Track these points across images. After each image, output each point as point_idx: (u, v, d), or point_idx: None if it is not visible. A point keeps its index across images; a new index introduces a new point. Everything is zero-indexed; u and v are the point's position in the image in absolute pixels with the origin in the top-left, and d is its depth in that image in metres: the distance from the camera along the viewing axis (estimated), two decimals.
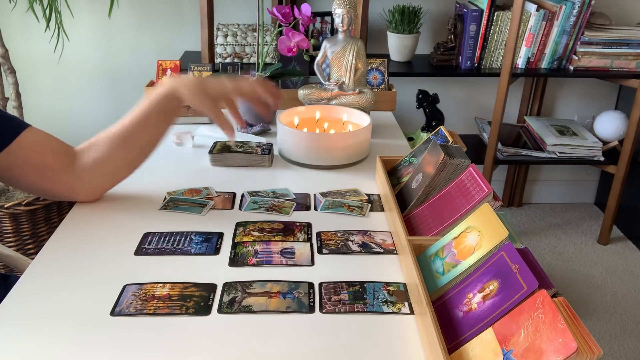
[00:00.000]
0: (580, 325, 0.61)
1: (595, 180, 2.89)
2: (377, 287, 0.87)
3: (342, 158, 1.30)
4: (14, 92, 2.04)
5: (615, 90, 2.67)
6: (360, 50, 1.45)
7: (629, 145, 2.33)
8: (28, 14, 2.22)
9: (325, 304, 0.83)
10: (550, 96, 2.68)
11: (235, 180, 1.23)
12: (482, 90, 2.64)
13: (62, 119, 2.56)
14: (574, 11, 2.17)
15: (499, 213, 0.85)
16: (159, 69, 1.69)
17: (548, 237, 2.61)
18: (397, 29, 2.29)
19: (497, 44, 2.29)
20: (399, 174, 1.16)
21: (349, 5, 1.42)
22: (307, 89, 1.49)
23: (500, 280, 0.71)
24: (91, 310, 0.81)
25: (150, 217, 1.06)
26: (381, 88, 1.71)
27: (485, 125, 2.55)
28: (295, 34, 1.39)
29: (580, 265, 2.41)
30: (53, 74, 2.48)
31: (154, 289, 0.85)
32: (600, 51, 2.24)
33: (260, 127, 1.48)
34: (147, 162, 1.31)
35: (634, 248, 2.55)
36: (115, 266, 0.91)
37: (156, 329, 0.77)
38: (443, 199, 0.98)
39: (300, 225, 1.04)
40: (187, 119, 1.54)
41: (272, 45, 2.14)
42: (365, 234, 1.02)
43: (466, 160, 1.00)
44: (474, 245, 0.81)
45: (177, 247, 0.96)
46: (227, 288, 0.86)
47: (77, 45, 2.42)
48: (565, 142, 2.37)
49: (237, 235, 1.00)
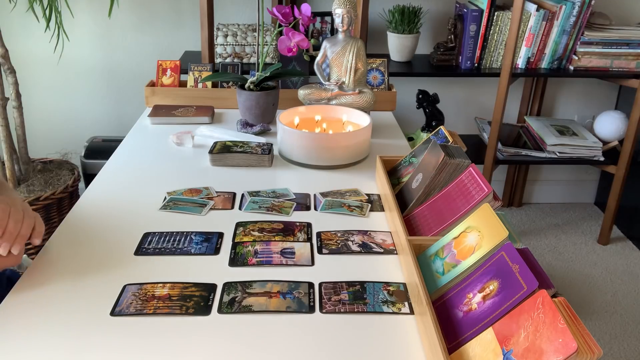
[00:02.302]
0: (580, 325, 0.61)
1: (595, 180, 2.89)
2: (377, 287, 0.87)
3: (342, 158, 1.30)
4: (14, 92, 2.04)
5: (615, 90, 2.67)
6: (360, 50, 1.45)
7: (629, 145, 2.33)
8: (28, 14, 2.22)
9: (325, 304, 0.83)
10: (550, 96, 2.68)
11: (235, 180, 1.23)
12: (482, 90, 2.64)
13: (62, 119, 2.56)
14: (574, 11, 2.17)
15: (499, 213, 0.85)
16: (159, 69, 1.69)
17: (548, 237, 2.61)
18: (397, 29, 2.29)
19: (497, 44, 2.29)
20: (399, 174, 1.16)
21: (349, 5, 1.42)
22: (307, 89, 1.49)
23: (500, 280, 0.71)
24: (91, 310, 0.81)
25: (150, 217, 1.06)
26: (381, 88, 1.71)
27: (485, 125, 2.55)
28: (295, 34, 1.39)
29: (580, 265, 2.41)
30: (53, 74, 2.48)
31: (154, 289, 0.85)
32: (600, 51, 2.23)
33: (260, 127, 1.48)
34: (147, 162, 1.31)
35: (634, 248, 2.55)
36: (115, 266, 0.91)
37: (156, 329, 0.77)
38: (443, 199, 0.98)
39: (300, 225, 1.04)
40: (187, 119, 1.54)
41: (272, 45, 2.14)
42: (365, 234, 1.02)
43: (466, 160, 1.00)
44: (474, 245, 0.81)
45: (177, 247, 0.96)
46: (227, 288, 0.86)
47: (77, 45, 2.42)
48: (565, 142, 2.37)
49: (237, 235, 1.00)
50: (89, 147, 2.34)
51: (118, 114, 2.55)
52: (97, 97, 2.54)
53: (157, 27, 2.43)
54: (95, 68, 2.49)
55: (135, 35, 2.44)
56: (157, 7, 2.40)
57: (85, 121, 2.57)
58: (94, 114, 2.56)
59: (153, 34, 2.44)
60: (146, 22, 2.42)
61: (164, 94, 1.65)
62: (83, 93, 2.53)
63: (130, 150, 1.37)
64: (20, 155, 2.13)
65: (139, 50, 2.46)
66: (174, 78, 1.69)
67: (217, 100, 1.65)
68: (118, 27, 2.42)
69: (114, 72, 2.50)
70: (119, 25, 2.42)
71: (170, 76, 1.69)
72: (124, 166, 1.29)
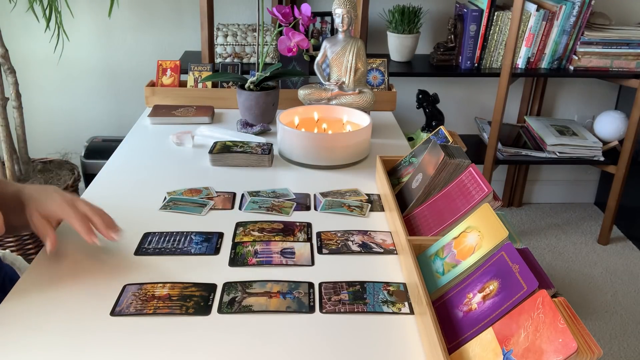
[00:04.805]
0: (580, 325, 0.61)
1: (595, 180, 2.89)
2: (377, 287, 0.87)
3: (342, 158, 1.30)
4: (14, 92, 2.04)
5: (615, 90, 2.67)
6: (360, 50, 1.45)
7: (629, 145, 2.33)
8: (28, 14, 2.22)
9: (325, 304, 0.83)
10: (550, 96, 2.68)
11: (235, 180, 1.23)
12: (482, 90, 2.64)
13: (62, 119, 2.56)
14: (574, 11, 2.17)
15: (499, 213, 0.85)
16: (159, 69, 1.69)
17: (548, 237, 2.61)
18: (397, 29, 2.29)
19: (497, 44, 2.29)
20: (399, 174, 1.16)
21: (349, 5, 1.42)
22: (307, 89, 1.49)
23: (500, 280, 0.71)
24: (91, 310, 0.81)
25: (150, 217, 1.06)
26: (381, 88, 1.71)
27: (485, 125, 2.55)
28: (295, 34, 1.39)
29: (580, 265, 2.41)
30: (53, 74, 2.48)
31: (154, 289, 0.85)
32: (600, 51, 2.23)
33: (260, 127, 1.48)
34: (147, 162, 1.31)
35: (634, 248, 2.55)
36: (115, 266, 0.91)
37: (156, 329, 0.77)
38: (443, 199, 0.98)
39: (300, 225, 1.04)
40: (187, 119, 1.54)
41: (272, 45, 2.14)
42: (365, 234, 1.02)
43: (466, 160, 1.00)
44: (474, 245, 0.81)
45: (177, 247, 0.96)
46: (227, 288, 0.86)
47: (77, 45, 2.42)
48: (565, 142, 2.37)
49: (237, 235, 1.00)
50: (89, 147, 2.34)
51: (118, 114, 2.55)
52: (97, 97, 2.54)
53: (157, 27, 2.43)
54: (95, 68, 2.49)
55: (135, 35, 2.44)
56: (157, 7, 2.40)
57: (85, 121, 2.57)
58: (94, 114, 2.56)
59: (153, 34, 2.44)
60: (146, 22, 2.42)
61: (164, 94, 1.65)
62: (83, 93, 2.53)
63: (130, 150, 1.37)
64: (20, 155, 2.13)
65: (139, 50, 2.46)
66: (174, 78, 1.69)
67: (217, 100, 1.65)
68: (118, 27, 2.42)
69: (114, 72, 2.50)
70: (119, 25, 2.42)
71: (170, 76, 1.69)
72: (124, 166, 1.29)
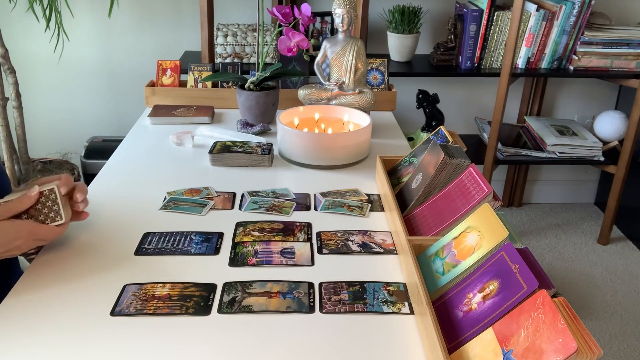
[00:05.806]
0: (580, 325, 0.61)
1: (595, 180, 2.89)
2: (377, 287, 0.87)
3: (342, 158, 1.30)
4: (14, 92, 2.04)
5: (615, 90, 2.67)
6: (360, 50, 1.45)
7: (629, 145, 2.33)
8: (28, 14, 2.22)
9: (325, 304, 0.83)
10: (550, 96, 2.68)
11: (235, 180, 1.23)
12: (482, 90, 2.64)
13: (62, 119, 2.56)
14: (574, 11, 2.17)
15: (499, 213, 0.85)
16: (159, 69, 1.69)
17: (548, 237, 2.61)
18: (397, 29, 2.29)
19: (497, 44, 2.29)
20: (399, 174, 1.16)
21: (349, 5, 1.42)
22: (307, 89, 1.49)
23: (500, 280, 0.71)
24: (91, 310, 0.81)
25: (150, 217, 1.06)
26: (381, 88, 1.71)
27: (485, 125, 2.55)
28: (295, 34, 1.39)
29: (580, 265, 2.41)
30: (53, 74, 2.48)
31: (154, 289, 0.85)
32: (600, 51, 2.23)
33: (260, 127, 1.48)
34: (147, 162, 1.31)
35: (634, 248, 2.54)
36: (115, 266, 0.91)
37: (156, 329, 0.77)
38: (443, 199, 0.98)
39: (300, 225, 1.04)
40: (187, 119, 1.54)
41: (272, 45, 2.14)
42: (365, 234, 1.02)
43: (466, 160, 1.00)
44: (474, 245, 0.81)
45: (177, 247, 0.96)
46: (227, 288, 0.86)
47: (77, 45, 2.42)
48: (565, 142, 2.37)
49: (237, 235, 1.00)
50: (89, 147, 2.35)
51: (118, 114, 2.55)
52: (97, 97, 2.54)
53: (157, 27, 2.43)
54: (95, 68, 2.49)
55: (135, 35, 2.44)
56: (157, 7, 2.40)
57: (85, 121, 2.57)
58: (94, 114, 2.56)
59: (153, 34, 2.44)
60: (146, 22, 2.42)
61: (164, 94, 1.65)
62: (83, 93, 2.53)
63: (130, 150, 1.37)
64: (20, 155, 2.13)
65: (139, 50, 2.46)
66: (174, 78, 1.69)
67: (217, 100, 1.65)
68: (118, 27, 2.42)
69: (114, 72, 2.50)
70: (119, 25, 2.42)
71: (170, 76, 1.69)
72: (124, 166, 1.29)
